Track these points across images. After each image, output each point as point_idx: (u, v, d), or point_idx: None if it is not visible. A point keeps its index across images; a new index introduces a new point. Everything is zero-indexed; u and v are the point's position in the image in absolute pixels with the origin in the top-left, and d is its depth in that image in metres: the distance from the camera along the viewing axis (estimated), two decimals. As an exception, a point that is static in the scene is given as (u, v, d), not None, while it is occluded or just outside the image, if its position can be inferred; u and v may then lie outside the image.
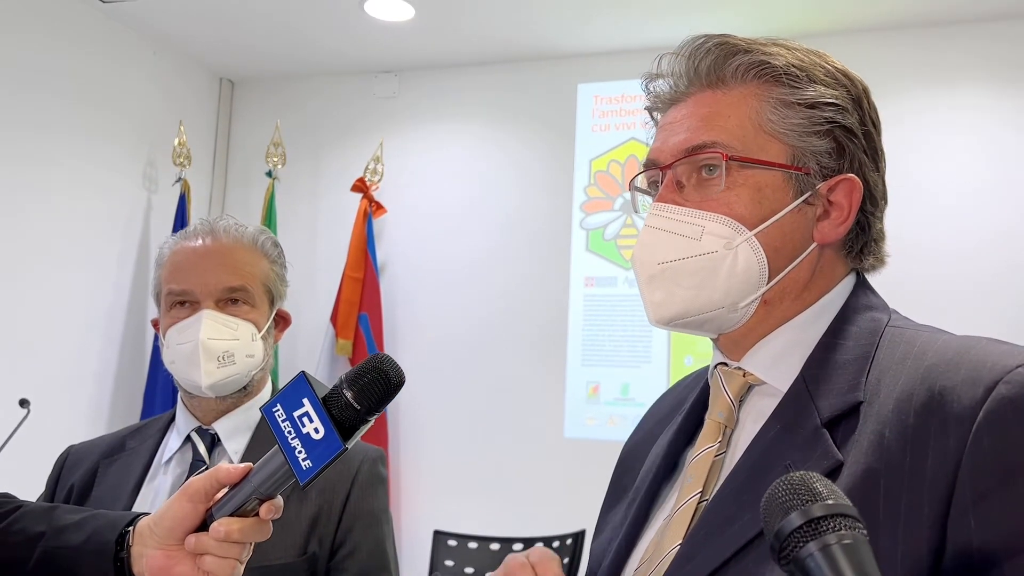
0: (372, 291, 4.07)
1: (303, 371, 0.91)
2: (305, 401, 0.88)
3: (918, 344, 0.84)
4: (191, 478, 0.96)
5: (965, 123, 3.57)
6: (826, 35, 3.74)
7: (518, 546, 3.23)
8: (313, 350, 4.10)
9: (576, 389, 3.91)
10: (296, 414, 0.88)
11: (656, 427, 1.07)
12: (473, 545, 3.30)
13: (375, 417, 0.90)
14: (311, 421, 0.87)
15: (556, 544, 3.25)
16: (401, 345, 4.15)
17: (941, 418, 0.76)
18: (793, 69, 0.92)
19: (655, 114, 1.01)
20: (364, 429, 0.89)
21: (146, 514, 1.00)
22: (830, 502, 0.57)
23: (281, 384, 1.01)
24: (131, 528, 1.00)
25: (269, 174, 4.22)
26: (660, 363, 3.77)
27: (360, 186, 4.14)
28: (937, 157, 3.58)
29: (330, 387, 0.90)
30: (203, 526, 0.94)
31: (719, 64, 0.93)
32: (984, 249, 3.46)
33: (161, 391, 3.77)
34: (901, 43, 3.66)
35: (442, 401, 4.06)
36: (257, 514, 0.93)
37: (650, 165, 0.97)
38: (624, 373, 3.83)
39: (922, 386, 0.79)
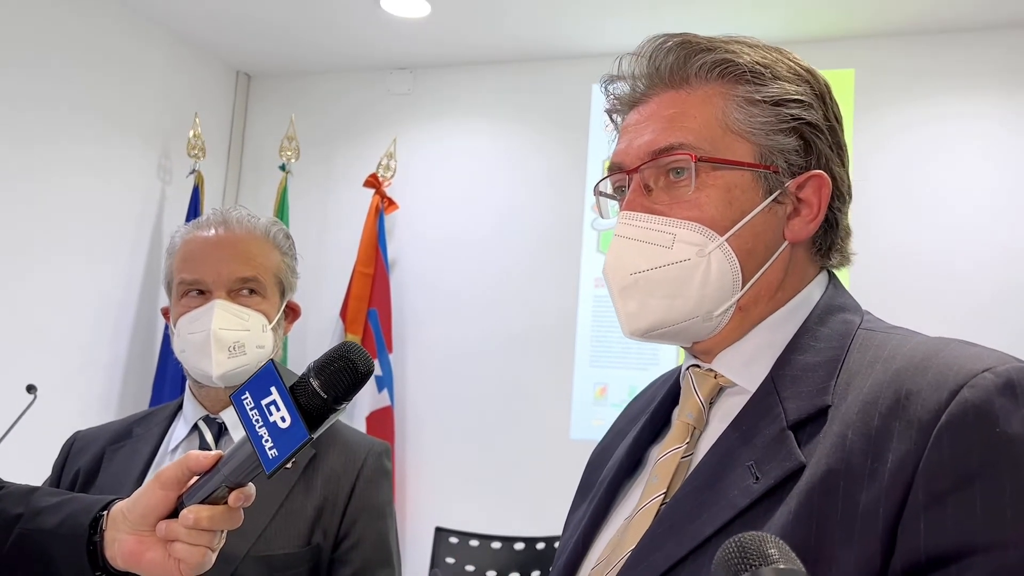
0: (382, 287, 4.08)
1: (271, 359, 0.90)
2: (273, 389, 0.87)
3: (888, 347, 0.83)
4: (163, 467, 0.96)
5: (983, 131, 3.54)
6: (840, 39, 3.73)
7: (519, 545, 3.22)
8: (322, 344, 4.11)
9: (583, 390, 3.90)
10: (264, 402, 0.87)
11: (627, 426, 1.07)
12: (474, 543, 3.30)
13: (344, 406, 0.88)
14: (278, 410, 0.86)
15: (558, 544, 3.25)
16: (409, 341, 4.15)
17: (905, 421, 0.75)
18: (757, 67, 0.91)
19: (615, 117, 0.99)
20: (333, 418, 0.88)
21: (121, 499, 1.00)
22: (781, 567, 0.55)
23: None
24: (105, 513, 1.00)
25: (282, 168, 4.23)
26: (668, 365, 3.76)
27: (372, 182, 4.15)
28: (954, 165, 3.55)
29: (299, 375, 0.88)
30: (175, 513, 0.94)
31: (681, 64, 0.92)
32: (1000, 260, 3.43)
33: (170, 381, 3.78)
34: (917, 49, 3.64)
35: (449, 398, 4.06)
36: (227, 502, 0.93)
37: (615, 169, 0.95)
38: (632, 375, 3.82)
39: (888, 389, 0.78)
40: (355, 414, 3.91)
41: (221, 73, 4.51)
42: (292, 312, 1.56)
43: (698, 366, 0.95)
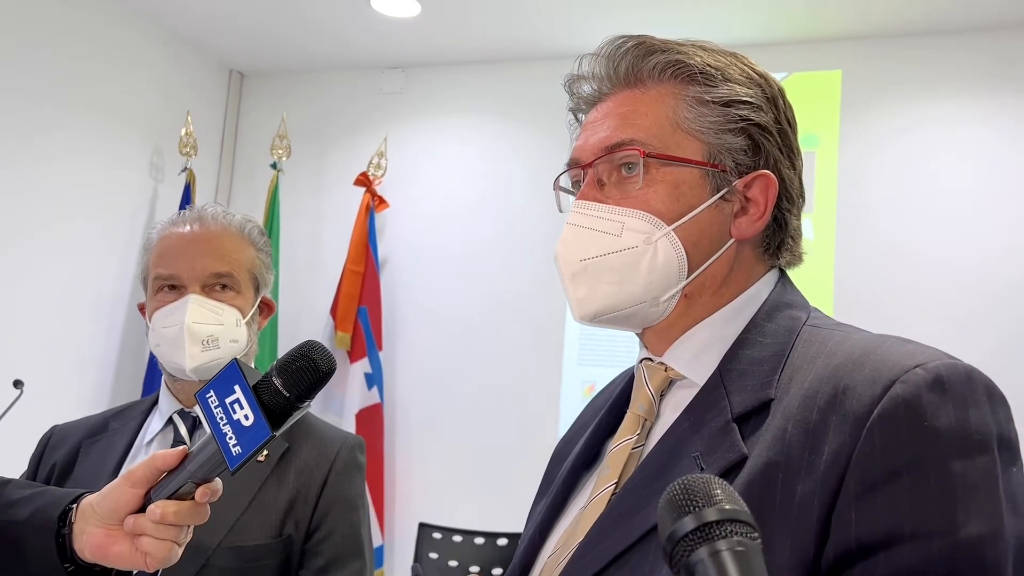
0: (372, 285, 4.10)
1: (235, 358, 0.92)
2: (236, 388, 0.89)
3: (830, 343, 0.85)
4: (132, 466, 0.98)
5: (971, 132, 3.55)
6: (827, 41, 3.75)
7: (502, 541, 3.24)
8: (312, 342, 4.13)
9: (571, 388, 3.92)
10: (228, 400, 0.89)
11: (587, 422, 1.09)
12: (458, 538, 3.32)
13: (307, 404, 0.90)
14: (241, 408, 0.88)
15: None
16: (399, 339, 4.17)
17: (840, 415, 0.77)
18: (708, 68, 0.94)
19: (579, 115, 1.03)
20: (297, 415, 0.90)
21: (91, 492, 1.02)
22: (726, 507, 0.55)
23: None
24: (74, 506, 1.02)
25: (274, 166, 4.25)
26: (656, 365, 3.79)
27: (363, 180, 4.17)
28: (942, 165, 3.56)
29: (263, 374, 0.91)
30: (143, 508, 0.97)
31: (636, 64, 0.95)
32: (994, 260, 3.45)
33: (160, 378, 3.79)
34: (903, 51, 3.66)
35: (438, 396, 4.09)
36: (194, 497, 0.95)
37: (572, 164, 0.99)
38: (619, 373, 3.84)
39: (827, 384, 0.80)
40: (345, 411, 3.93)
41: (214, 71, 4.53)
42: (266, 308, 1.58)
43: (650, 359, 0.97)
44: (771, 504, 0.77)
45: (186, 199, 4.08)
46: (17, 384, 2.82)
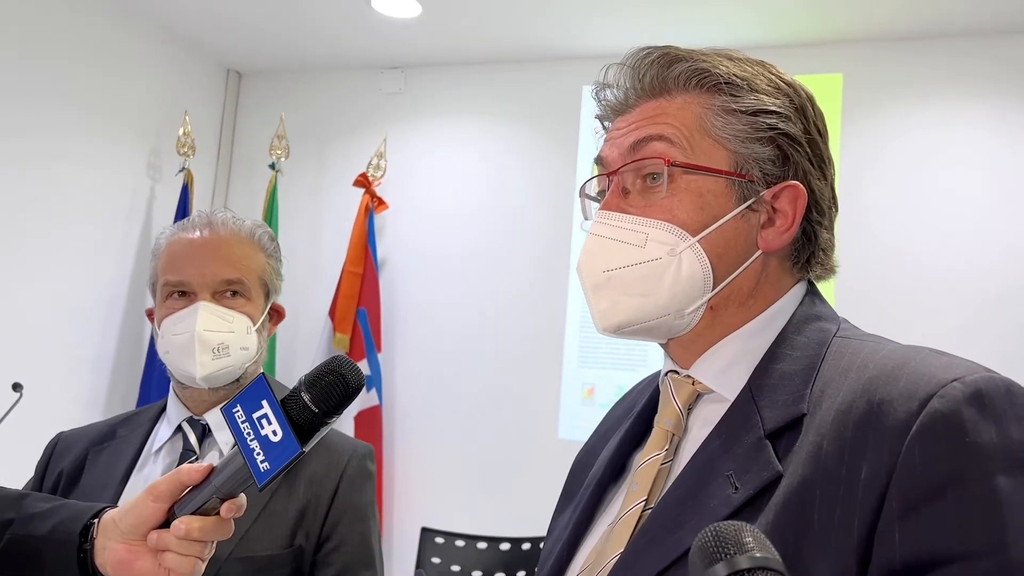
0: (371, 286, 4.08)
1: (263, 372, 0.91)
2: (264, 403, 0.88)
3: (861, 355, 0.84)
4: (156, 480, 0.97)
5: (971, 135, 3.55)
6: (828, 44, 3.74)
7: (505, 546, 3.23)
8: (311, 344, 4.11)
9: (571, 390, 3.91)
10: (255, 416, 0.88)
11: (609, 431, 1.08)
12: (460, 543, 3.31)
13: (335, 419, 0.89)
14: (269, 423, 0.87)
15: (543, 549, 3.26)
16: (398, 341, 4.16)
17: (877, 430, 0.76)
18: (734, 78, 0.92)
19: (605, 123, 1.02)
20: (324, 431, 0.89)
21: (112, 507, 1.01)
22: (757, 555, 0.56)
23: (279, 378, 1.01)
24: (96, 520, 1.00)
25: (272, 166, 4.23)
26: (656, 365, 3.74)
27: (362, 181, 4.15)
28: (942, 168, 3.57)
29: (290, 389, 0.89)
30: (167, 524, 0.95)
31: (661, 72, 0.94)
32: (993, 263, 3.45)
33: (157, 381, 3.77)
34: (904, 55, 3.66)
35: (437, 398, 4.07)
36: (219, 513, 0.94)
37: (598, 171, 0.98)
38: (620, 376, 3.84)
39: (862, 398, 0.79)
40: (344, 413, 3.91)
41: (212, 71, 4.50)
42: (276, 314, 1.56)
43: (676, 372, 0.96)
44: (809, 523, 0.75)
45: (184, 200, 4.05)
46: (16, 387, 2.80)
